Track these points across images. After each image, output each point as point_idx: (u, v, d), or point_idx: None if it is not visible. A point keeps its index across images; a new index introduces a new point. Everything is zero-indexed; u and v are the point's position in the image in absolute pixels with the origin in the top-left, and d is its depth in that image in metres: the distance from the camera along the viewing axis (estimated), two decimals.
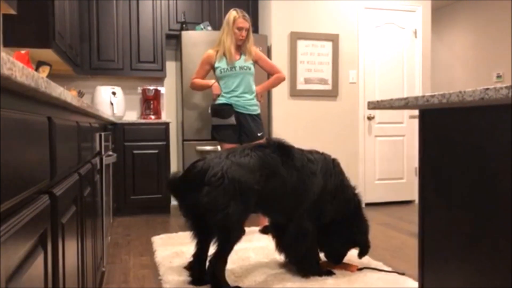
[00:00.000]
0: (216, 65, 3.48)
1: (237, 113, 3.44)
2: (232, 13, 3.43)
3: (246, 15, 3.46)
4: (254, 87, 3.54)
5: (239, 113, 3.44)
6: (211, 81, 3.53)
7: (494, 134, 1.34)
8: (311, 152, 2.58)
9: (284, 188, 2.37)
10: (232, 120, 3.42)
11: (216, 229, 2.23)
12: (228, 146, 3.32)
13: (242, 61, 3.45)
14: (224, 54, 3.44)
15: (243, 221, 2.29)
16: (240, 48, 3.49)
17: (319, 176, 2.47)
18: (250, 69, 3.47)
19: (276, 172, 2.34)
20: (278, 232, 2.67)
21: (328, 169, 2.53)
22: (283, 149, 2.43)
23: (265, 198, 2.34)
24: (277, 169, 2.35)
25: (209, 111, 3.62)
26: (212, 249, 2.29)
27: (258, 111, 3.56)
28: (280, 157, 2.38)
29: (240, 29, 3.40)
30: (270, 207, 2.47)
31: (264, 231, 3.37)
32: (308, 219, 2.48)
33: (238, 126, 3.46)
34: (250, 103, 3.48)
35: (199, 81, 3.57)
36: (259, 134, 3.49)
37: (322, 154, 2.61)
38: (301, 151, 2.55)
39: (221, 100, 3.47)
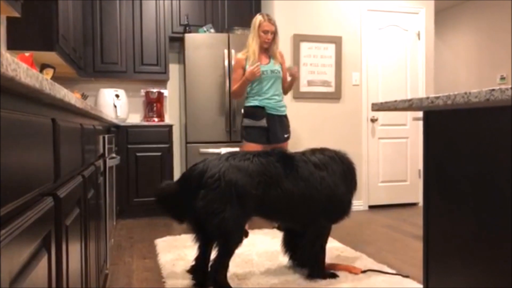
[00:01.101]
0: (248, 68, 3.52)
1: (268, 115, 3.52)
2: (258, 17, 3.53)
3: (272, 18, 3.55)
4: (281, 89, 3.65)
5: (270, 115, 3.53)
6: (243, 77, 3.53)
7: (498, 136, 1.33)
8: (314, 152, 2.55)
9: (291, 199, 2.33)
10: (263, 122, 3.51)
11: (215, 233, 2.21)
12: (255, 146, 3.38)
13: (272, 65, 3.55)
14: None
15: (242, 225, 2.27)
16: (268, 51, 3.57)
17: (334, 179, 2.45)
18: (279, 72, 3.57)
19: (278, 182, 2.30)
20: (288, 231, 2.68)
21: (340, 169, 2.50)
22: (286, 160, 2.39)
23: (268, 206, 2.31)
24: (279, 179, 2.31)
25: (242, 111, 3.69)
26: (214, 253, 2.28)
27: (286, 112, 3.65)
28: (283, 169, 2.35)
29: (265, 32, 3.49)
30: (277, 215, 2.47)
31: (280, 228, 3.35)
32: (328, 219, 2.48)
33: (267, 128, 3.53)
34: (280, 104, 3.58)
35: (236, 85, 3.57)
36: (285, 136, 3.59)
37: (326, 154, 2.58)
38: (304, 155, 2.50)
39: (253, 103, 3.54)
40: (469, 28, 6.45)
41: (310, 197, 2.38)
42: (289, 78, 3.63)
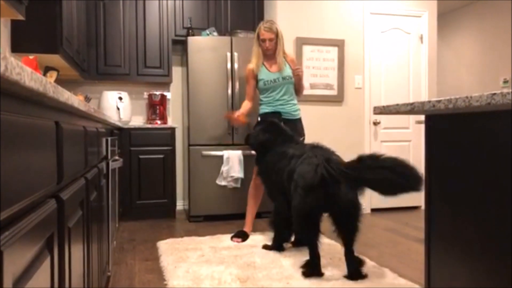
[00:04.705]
0: (259, 77, 3.57)
1: (283, 120, 3.54)
2: (259, 26, 3.54)
3: (270, 26, 3.49)
4: (294, 93, 3.67)
5: (285, 120, 3.54)
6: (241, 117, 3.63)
7: (500, 140, 1.33)
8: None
9: None
10: None
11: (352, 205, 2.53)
12: None
13: (283, 71, 3.55)
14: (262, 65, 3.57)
15: None
16: (275, 58, 3.55)
17: None
18: (291, 78, 3.57)
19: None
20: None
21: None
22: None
23: None
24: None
25: (258, 119, 3.70)
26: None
27: (300, 115, 3.69)
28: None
29: (263, 40, 3.48)
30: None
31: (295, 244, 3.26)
32: None
33: None
34: (294, 109, 3.63)
35: (243, 109, 3.68)
36: (300, 139, 3.60)
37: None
38: None
39: (267, 109, 3.57)
40: (472, 31, 6.44)
41: None
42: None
